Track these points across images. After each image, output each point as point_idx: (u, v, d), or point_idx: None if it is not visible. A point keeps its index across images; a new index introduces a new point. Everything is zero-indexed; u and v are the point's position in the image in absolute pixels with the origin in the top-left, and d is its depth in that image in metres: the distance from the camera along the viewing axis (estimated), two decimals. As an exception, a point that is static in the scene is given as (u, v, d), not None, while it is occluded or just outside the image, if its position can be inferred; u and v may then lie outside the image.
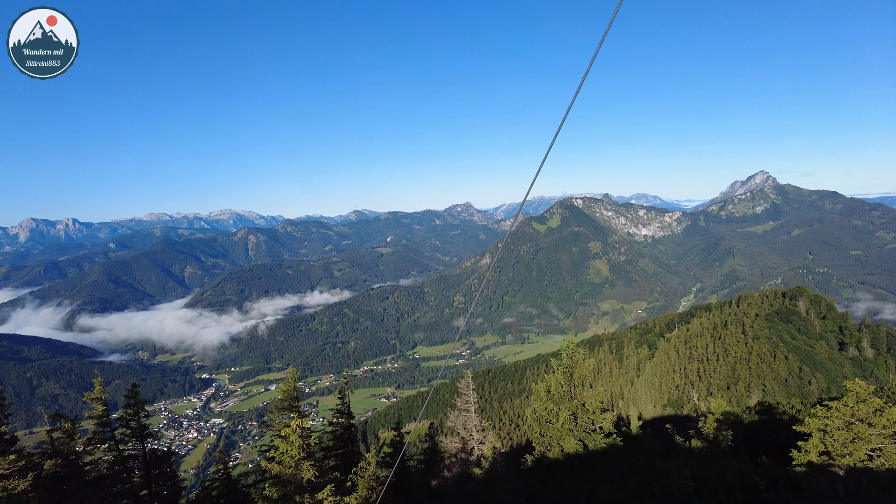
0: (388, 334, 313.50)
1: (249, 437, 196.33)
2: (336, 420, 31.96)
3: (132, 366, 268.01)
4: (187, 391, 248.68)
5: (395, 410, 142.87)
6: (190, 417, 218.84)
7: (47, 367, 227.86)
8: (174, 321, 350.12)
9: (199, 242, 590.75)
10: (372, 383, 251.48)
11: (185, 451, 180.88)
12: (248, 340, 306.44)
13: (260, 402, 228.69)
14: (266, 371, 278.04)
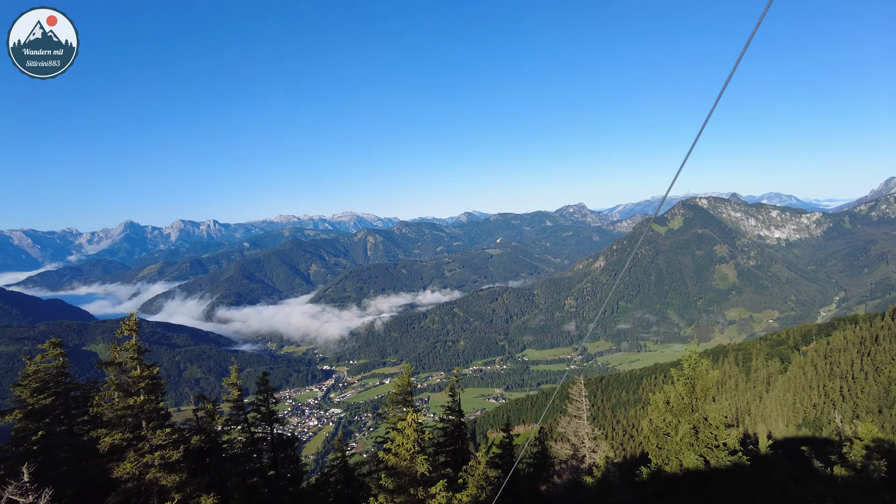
0: (496, 335, 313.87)
1: (365, 427, 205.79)
2: (447, 417, 32.50)
3: (262, 355, 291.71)
4: (309, 381, 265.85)
5: (504, 412, 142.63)
6: (311, 406, 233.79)
7: (191, 353, 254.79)
8: (300, 315, 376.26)
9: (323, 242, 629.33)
10: (481, 383, 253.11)
11: (307, 437, 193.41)
12: (366, 335, 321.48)
13: (375, 395, 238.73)
14: (381, 365, 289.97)
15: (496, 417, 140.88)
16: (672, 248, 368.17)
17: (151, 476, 15.32)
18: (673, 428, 19.75)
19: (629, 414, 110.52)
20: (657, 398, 22.57)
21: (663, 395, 22.38)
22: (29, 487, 10.98)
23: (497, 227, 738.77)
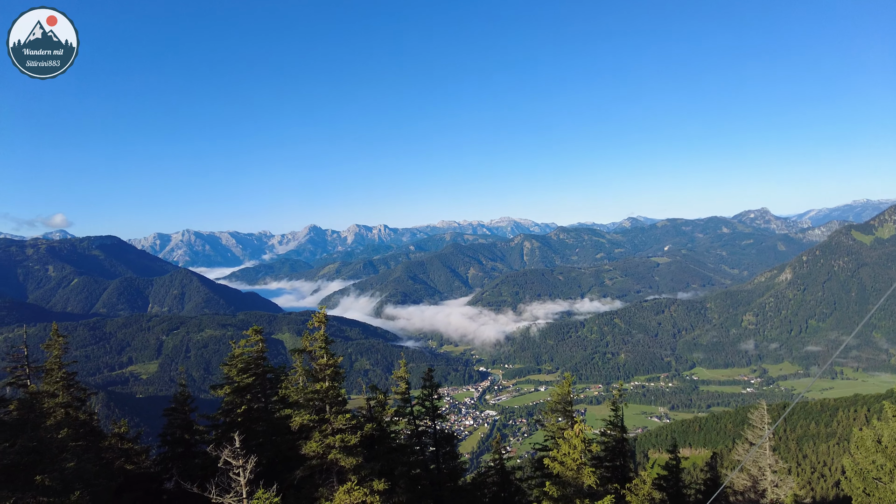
0: (662, 350, 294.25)
1: (518, 432, 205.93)
2: (608, 431, 31.31)
3: (423, 352, 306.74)
4: (466, 381, 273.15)
5: (668, 432, 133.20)
6: (467, 405, 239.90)
7: (362, 346, 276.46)
8: (458, 316, 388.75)
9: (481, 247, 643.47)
10: (643, 400, 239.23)
11: (463, 435, 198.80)
12: (521, 340, 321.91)
13: (529, 401, 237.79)
14: (536, 372, 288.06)
15: (659, 437, 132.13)
16: (880, 260, 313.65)
17: (333, 457, 16.92)
18: (887, 473, 16.86)
19: (819, 449, 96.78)
20: (864, 435, 19.45)
21: (873, 432, 19.21)
22: (239, 452, 12.75)
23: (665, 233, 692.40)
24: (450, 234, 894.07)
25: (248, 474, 12.31)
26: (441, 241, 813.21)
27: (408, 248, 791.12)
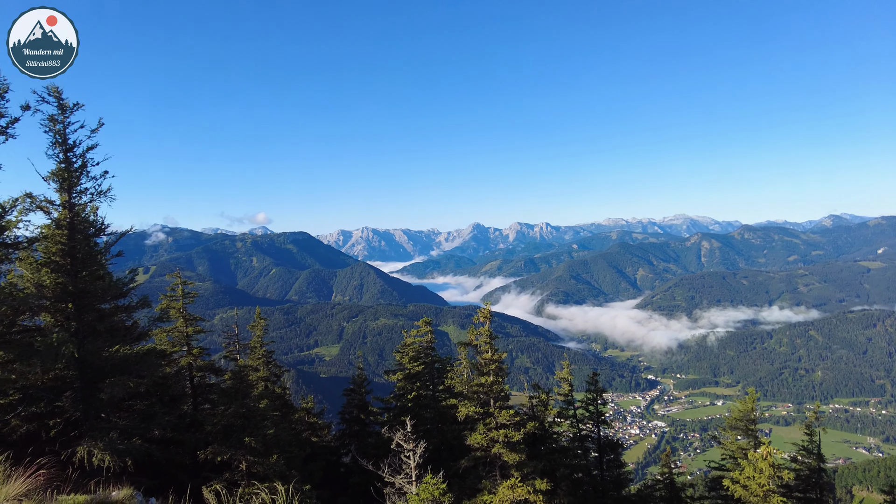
0: (871, 371, 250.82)
1: (690, 447, 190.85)
2: (801, 458, 27.61)
3: (586, 355, 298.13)
4: (632, 388, 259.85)
5: (881, 468, 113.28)
6: (633, 414, 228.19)
7: (522, 344, 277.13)
8: (625, 320, 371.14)
9: (652, 247, 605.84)
10: (846, 427, 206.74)
11: (627, 444, 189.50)
12: (696, 349, 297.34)
13: (704, 416, 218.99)
14: (712, 384, 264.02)
15: (869, 473, 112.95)
16: None
17: (496, 450, 17.17)
18: None
19: None
20: None
21: None
22: (410, 437, 13.51)
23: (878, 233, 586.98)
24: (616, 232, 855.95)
25: (417, 458, 13.01)
26: (606, 239, 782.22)
27: (570, 247, 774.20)
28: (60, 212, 14.94)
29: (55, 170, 14.87)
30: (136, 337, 15.99)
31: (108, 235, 15.53)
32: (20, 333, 13.53)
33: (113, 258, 15.74)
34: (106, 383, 13.73)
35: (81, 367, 13.75)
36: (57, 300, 14.44)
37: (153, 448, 14.14)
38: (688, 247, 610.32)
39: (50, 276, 14.35)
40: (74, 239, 14.29)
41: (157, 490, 11.87)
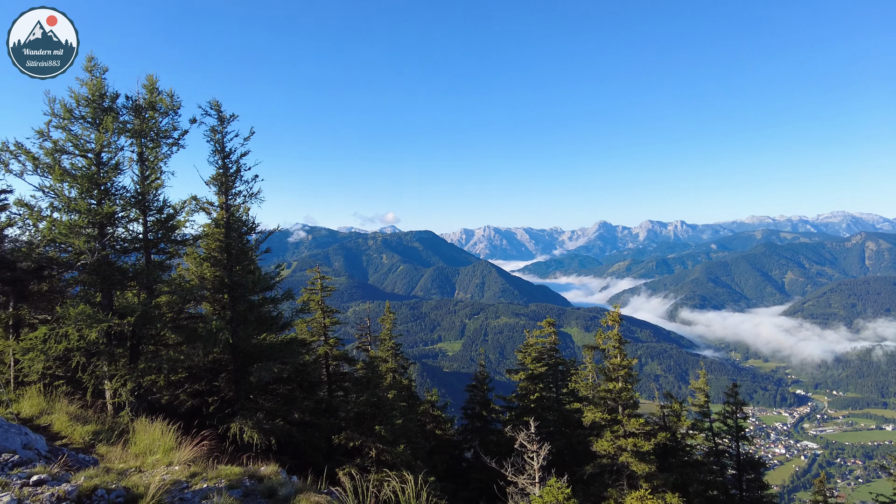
0: None
1: (850, 475, 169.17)
2: None
3: (724, 364, 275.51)
4: (777, 403, 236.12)
5: None
6: (778, 431, 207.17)
7: (653, 350, 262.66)
8: (770, 327, 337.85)
9: (803, 247, 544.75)
10: None
11: (771, 464, 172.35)
12: (858, 364, 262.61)
13: (867, 440, 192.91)
14: (879, 405, 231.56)
15: None
16: None
17: (624, 459, 16.43)
18: None
19: None
20: None
21: None
22: (534, 438, 13.35)
23: None
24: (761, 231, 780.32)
25: (541, 460, 12.83)
26: (749, 239, 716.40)
27: (708, 247, 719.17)
28: (219, 212, 16.78)
29: (215, 175, 16.73)
30: (281, 326, 17.47)
31: (258, 234, 17.17)
32: (186, 319, 15.36)
33: (262, 254, 17.35)
34: (254, 367, 15.14)
35: (235, 352, 15.31)
36: (215, 291, 16.24)
37: (293, 430, 15.37)
38: (848, 248, 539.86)
39: (210, 270, 16.17)
40: (230, 237, 15.95)
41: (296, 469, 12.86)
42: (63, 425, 10.96)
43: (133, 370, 13.01)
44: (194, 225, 15.94)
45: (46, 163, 13.74)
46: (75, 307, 12.51)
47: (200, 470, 7.57)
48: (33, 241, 16.07)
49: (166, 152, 15.37)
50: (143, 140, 15.04)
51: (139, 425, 10.94)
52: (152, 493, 5.35)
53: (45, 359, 12.91)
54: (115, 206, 14.04)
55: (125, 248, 14.76)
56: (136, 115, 15.25)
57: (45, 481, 5.31)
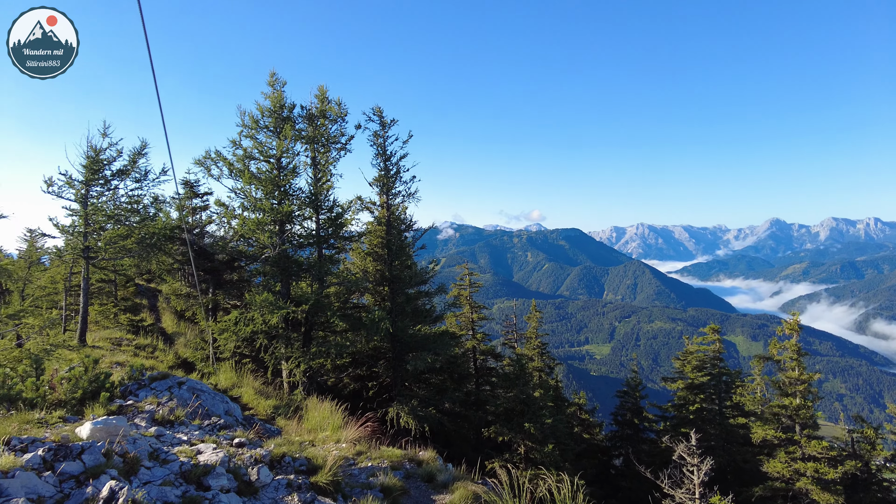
0: None
1: None
2: None
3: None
4: None
5: None
6: None
7: (835, 365, 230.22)
8: None
9: None
10: None
11: None
12: None
13: None
14: None
15: None
16: None
17: (802, 486, 14.60)
18: None
19: None
20: None
21: None
22: (695, 451, 12.43)
23: None
24: None
25: (702, 475, 11.90)
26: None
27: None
28: (380, 211, 17.97)
29: (377, 176, 17.92)
30: (434, 319, 18.23)
31: (415, 231, 18.08)
32: (351, 309, 16.67)
33: (417, 251, 18.25)
34: (410, 356, 15.97)
35: (393, 341, 16.29)
36: (377, 284, 17.42)
37: (444, 419, 15.94)
38: None
39: (372, 264, 17.39)
40: (390, 234, 17.01)
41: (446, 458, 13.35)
42: (250, 398, 12.50)
43: (306, 353, 14.40)
44: (359, 223, 17.28)
45: (238, 168, 15.76)
46: (260, 295, 14.18)
47: (365, 449, 8.17)
48: (226, 237, 18.58)
49: (335, 156, 16.82)
50: (316, 145, 16.60)
51: (310, 403, 12.11)
52: (330, 466, 5.89)
53: (236, 339, 14.82)
54: (293, 206, 15.66)
55: (300, 244, 16.42)
56: (309, 123, 16.89)
57: (244, 444, 6.11)
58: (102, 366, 9.38)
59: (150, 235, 15.77)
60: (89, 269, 16.14)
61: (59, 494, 4.12)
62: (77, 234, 15.91)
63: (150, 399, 7.84)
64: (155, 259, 17.65)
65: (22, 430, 5.42)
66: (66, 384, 7.33)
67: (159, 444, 5.41)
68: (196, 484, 4.84)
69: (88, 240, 15.62)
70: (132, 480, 4.56)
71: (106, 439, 4.87)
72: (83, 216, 15.70)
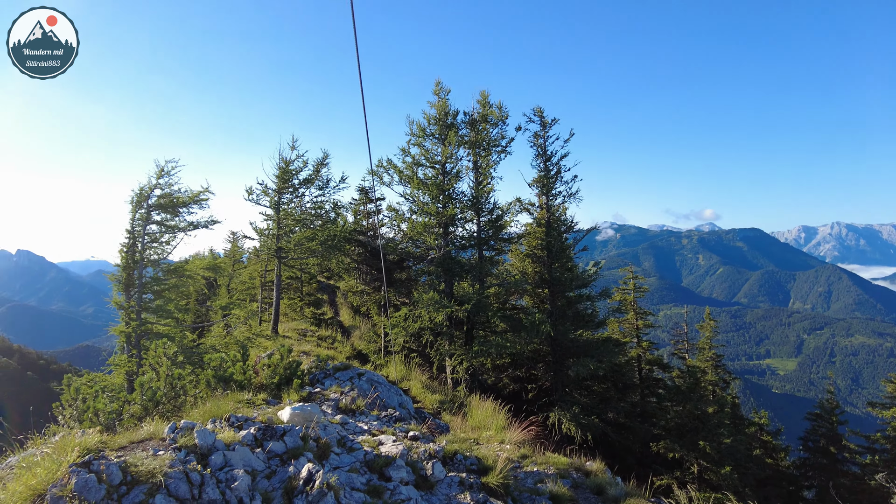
0: None
1: None
2: None
3: None
4: None
5: None
6: None
7: None
8: None
9: None
10: None
11: None
12: None
13: None
14: None
15: None
16: None
17: None
18: None
19: None
20: None
21: None
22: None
23: None
24: None
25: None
26: None
27: None
28: (539, 212, 17.90)
29: (537, 177, 17.88)
30: (596, 325, 17.68)
31: (575, 232, 17.71)
32: (510, 310, 16.83)
33: (578, 252, 17.85)
34: (571, 361, 15.67)
35: (553, 345, 16.12)
36: (536, 286, 17.37)
37: (608, 429, 15.37)
38: None
39: (531, 266, 17.38)
40: (550, 235, 16.86)
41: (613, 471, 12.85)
42: (418, 391, 13.20)
43: (468, 351, 14.84)
44: (518, 224, 17.40)
45: (407, 174, 16.76)
46: (426, 293, 14.93)
47: (529, 453, 8.17)
48: (396, 239, 19.87)
49: (495, 159, 17.12)
50: (478, 150, 17.05)
51: (473, 401, 12.43)
52: (500, 468, 5.98)
53: (405, 334, 15.75)
54: (456, 209, 16.26)
55: (462, 245, 16.98)
56: (471, 128, 17.40)
57: (418, 438, 6.47)
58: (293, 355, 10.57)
59: (332, 237, 17.41)
60: (281, 267, 18.29)
61: (268, 470, 4.74)
62: (271, 236, 18.13)
63: (334, 388, 8.66)
64: (335, 259, 19.46)
65: (236, 408, 6.31)
66: (267, 370, 8.38)
67: (345, 432, 5.96)
68: (378, 474, 5.25)
69: (280, 241, 17.70)
70: (324, 465, 5.08)
71: (302, 424, 5.49)
72: (276, 221, 17.86)
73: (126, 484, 3.93)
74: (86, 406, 7.26)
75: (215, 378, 7.89)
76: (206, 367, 8.42)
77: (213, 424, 5.32)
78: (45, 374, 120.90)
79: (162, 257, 14.81)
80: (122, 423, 6.71)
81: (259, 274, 25.70)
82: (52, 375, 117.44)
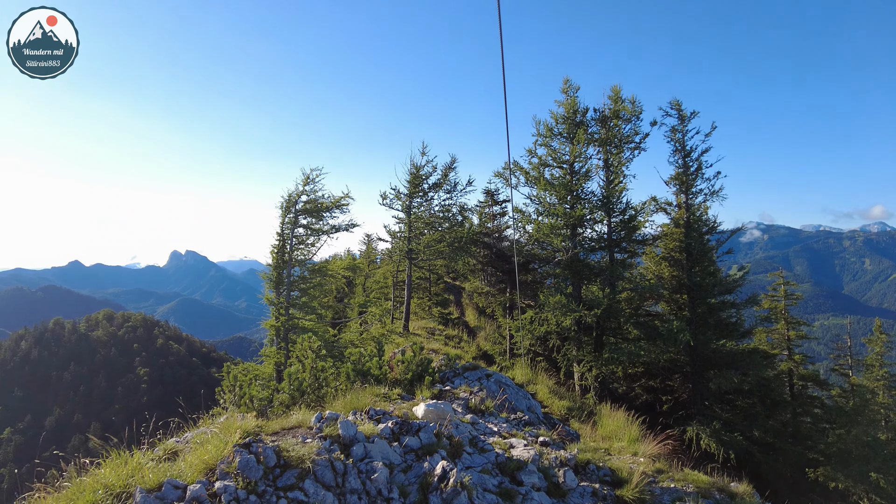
0: None
1: None
2: None
3: None
4: None
5: None
6: None
7: None
8: None
9: None
10: None
11: None
12: None
13: None
14: None
15: None
16: None
17: None
18: None
19: None
20: None
21: None
22: None
23: None
24: None
25: None
26: None
27: None
28: (677, 212, 16.75)
29: (674, 174, 16.77)
30: (741, 334, 16.18)
31: (718, 233, 16.35)
32: (644, 316, 15.93)
33: (722, 255, 16.47)
34: (712, 374, 14.47)
35: (693, 355, 14.99)
36: (673, 291, 16.28)
37: (754, 448, 13.98)
38: None
39: (668, 269, 16.32)
40: (690, 236, 15.71)
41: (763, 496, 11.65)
42: (544, 395, 12.94)
43: (598, 358, 14.29)
44: (653, 225, 16.43)
45: (533, 176, 16.54)
46: (553, 296, 14.59)
47: (665, 468, 7.63)
48: (521, 240, 19.68)
49: (628, 156, 16.33)
50: (608, 147, 16.38)
51: (603, 409, 11.92)
52: (635, 482, 5.65)
53: (531, 337, 15.55)
54: (584, 210, 15.73)
55: (592, 247, 16.40)
56: (601, 125, 16.75)
57: (548, 444, 6.32)
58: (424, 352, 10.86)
59: (458, 239, 17.68)
60: (411, 267, 18.92)
61: (404, 464, 4.88)
62: (403, 238, 18.83)
63: (463, 387, 8.75)
64: (461, 260, 19.74)
65: (374, 401, 6.60)
66: (401, 366, 8.67)
67: (476, 432, 5.98)
68: (510, 477, 5.19)
69: (411, 243, 18.30)
70: (457, 463, 5.12)
71: (436, 421, 5.59)
72: (407, 223, 18.51)
73: (279, 467, 4.32)
74: (242, 392, 8.03)
75: (354, 371, 8.33)
76: (345, 360, 8.91)
77: (354, 416, 5.61)
78: (206, 360, 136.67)
79: (308, 258, 15.97)
80: (273, 409, 7.32)
81: (391, 274, 26.86)
82: (212, 362, 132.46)
